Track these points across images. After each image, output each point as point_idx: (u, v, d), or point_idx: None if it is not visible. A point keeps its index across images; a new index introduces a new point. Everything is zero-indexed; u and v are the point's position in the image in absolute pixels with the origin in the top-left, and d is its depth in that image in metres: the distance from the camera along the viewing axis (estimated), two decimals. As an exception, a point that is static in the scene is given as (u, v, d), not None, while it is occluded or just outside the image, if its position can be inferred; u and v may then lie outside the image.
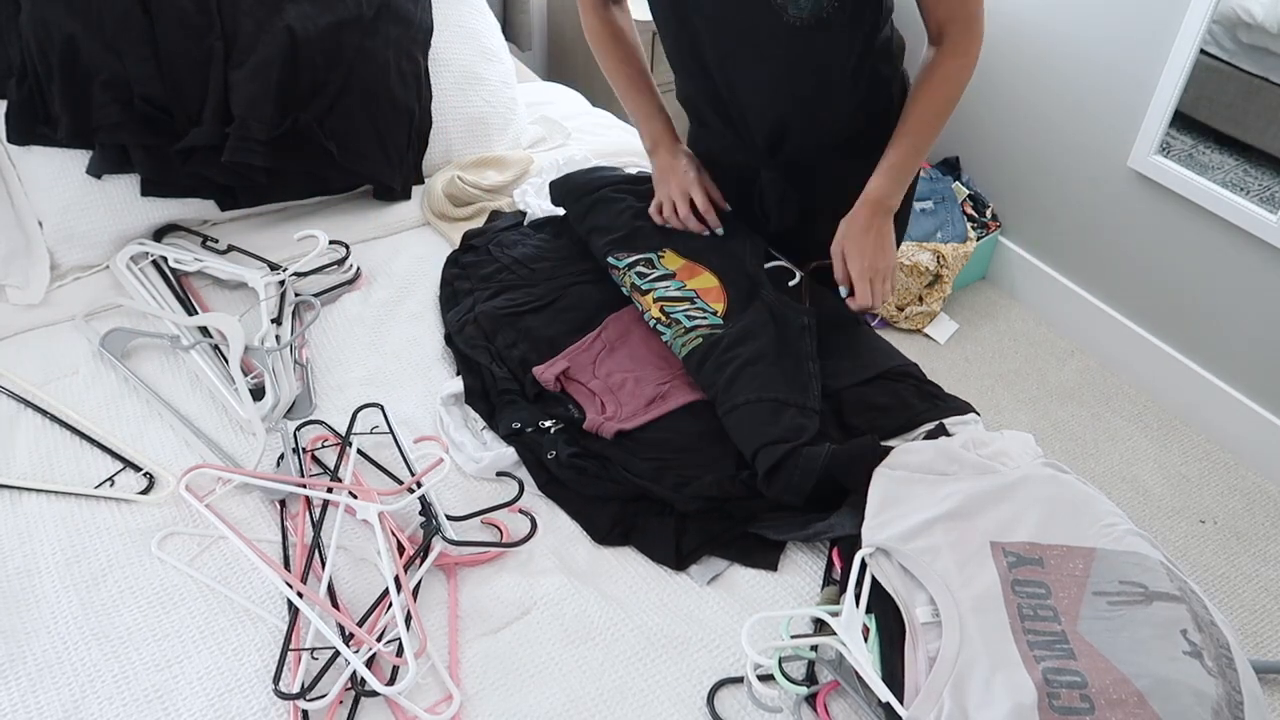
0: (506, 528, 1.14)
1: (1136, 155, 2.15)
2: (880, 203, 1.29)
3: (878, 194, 1.28)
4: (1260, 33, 1.92)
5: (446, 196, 1.66)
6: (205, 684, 0.97)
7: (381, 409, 1.26)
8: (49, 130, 1.45)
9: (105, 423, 1.25)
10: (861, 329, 1.38)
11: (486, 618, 1.04)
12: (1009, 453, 1.12)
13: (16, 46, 1.44)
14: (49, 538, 1.10)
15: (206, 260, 1.47)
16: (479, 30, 1.82)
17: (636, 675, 1.00)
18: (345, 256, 1.53)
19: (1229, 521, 2.06)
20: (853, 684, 0.95)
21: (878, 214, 1.29)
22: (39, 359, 1.34)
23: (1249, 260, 2.03)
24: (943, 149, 2.68)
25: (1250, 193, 2.01)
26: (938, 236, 2.50)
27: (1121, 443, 2.24)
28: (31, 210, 1.51)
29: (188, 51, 1.46)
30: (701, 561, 1.11)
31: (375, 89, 1.59)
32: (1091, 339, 2.47)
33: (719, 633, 1.03)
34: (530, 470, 1.20)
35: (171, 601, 1.05)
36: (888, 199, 1.29)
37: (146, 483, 1.17)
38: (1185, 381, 2.26)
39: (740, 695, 0.98)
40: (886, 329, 2.53)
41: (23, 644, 1.00)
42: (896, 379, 1.29)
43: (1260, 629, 1.85)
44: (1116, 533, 1.02)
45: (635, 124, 1.46)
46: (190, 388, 1.31)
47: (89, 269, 1.50)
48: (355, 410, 1.26)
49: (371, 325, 1.43)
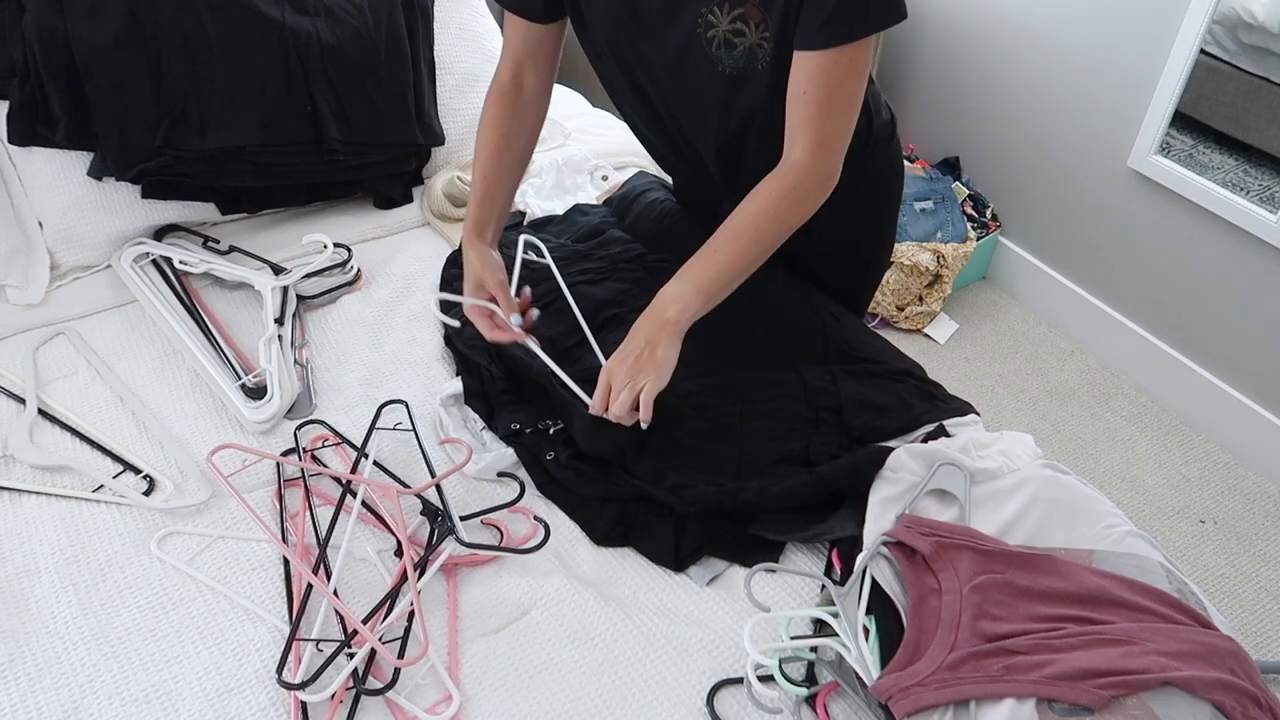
0: (507, 528, 1.14)
1: (1136, 155, 2.15)
2: (655, 311, 1.12)
3: (657, 301, 1.13)
4: (1261, 33, 1.92)
5: (446, 197, 1.66)
6: (205, 684, 0.97)
7: (406, 405, 1.27)
8: (48, 132, 1.46)
9: (105, 424, 1.25)
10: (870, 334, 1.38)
11: (486, 618, 1.04)
12: (1009, 453, 1.12)
13: (19, 48, 1.44)
14: (48, 538, 1.10)
15: (213, 262, 1.48)
16: (480, 33, 1.83)
17: (636, 676, 1.00)
18: (347, 259, 1.53)
19: (1229, 521, 2.06)
20: (852, 685, 0.95)
21: (648, 325, 1.12)
22: (39, 359, 1.34)
23: (1249, 260, 2.03)
24: (943, 149, 2.68)
25: (1250, 193, 2.01)
26: (938, 236, 2.50)
27: (1121, 443, 2.24)
28: (31, 210, 1.51)
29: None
30: (701, 562, 1.11)
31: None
32: (1091, 339, 2.47)
33: (719, 633, 1.03)
34: (529, 471, 1.20)
35: (171, 601, 1.05)
36: (665, 310, 1.11)
37: (147, 485, 1.17)
38: (1185, 381, 2.26)
39: (740, 696, 0.98)
40: (886, 329, 2.53)
41: (22, 644, 1.00)
42: (897, 379, 1.29)
43: (1260, 629, 1.85)
44: (1116, 534, 1.02)
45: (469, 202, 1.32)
46: (190, 387, 1.31)
47: (89, 269, 1.50)
48: (381, 405, 1.27)
49: (371, 325, 1.44)
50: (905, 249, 2.44)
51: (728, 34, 1.06)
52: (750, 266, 1.14)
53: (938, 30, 2.54)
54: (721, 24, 1.05)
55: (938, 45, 2.56)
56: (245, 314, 1.45)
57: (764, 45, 1.07)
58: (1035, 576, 0.96)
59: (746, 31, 1.06)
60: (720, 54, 1.08)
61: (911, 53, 2.63)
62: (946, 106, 2.60)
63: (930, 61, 2.59)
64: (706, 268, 1.13)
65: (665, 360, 1.11)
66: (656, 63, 1.17)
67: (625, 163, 1.80)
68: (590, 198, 1.69)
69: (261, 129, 1.51)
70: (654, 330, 1.11)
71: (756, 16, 1.05)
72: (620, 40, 1.18)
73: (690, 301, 1.11)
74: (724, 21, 1.05)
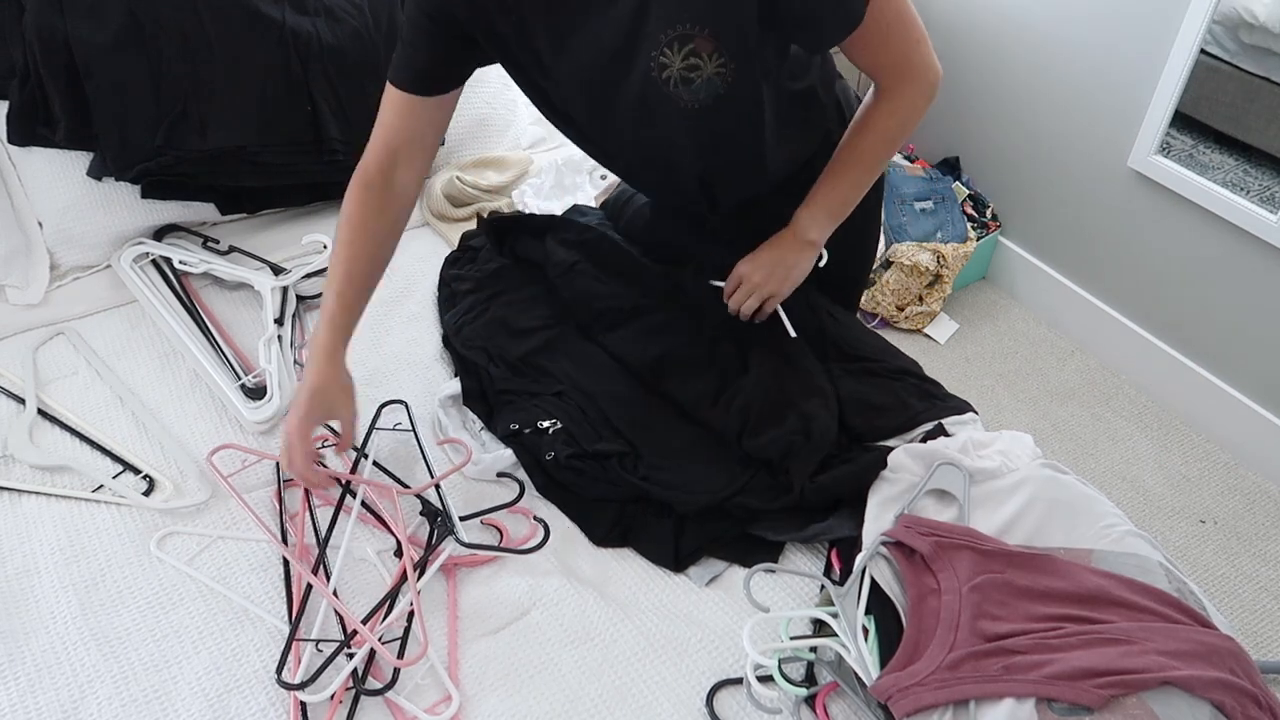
0: (507, 529, 1.14)
1: (1136, 155, 2.15)
2: (798, 234, 1.23)
3: (796, 225, 1.23)
4: (1262, 33, 1.92)
5: (445, 197, 1.66)
6: (204, 684, 0.97)
7: (405, 406, 1.27)
8: (48, 132, 1.46)
9: (105, 424, 1.25)
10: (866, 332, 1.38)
11: (486, 618, 1.04)
12: (1008, 453, 1.12)
13: (19, 48, 1.44)
14: (48, 538, 1.10)
15: (213, 262, 1.48)
16: (479, 31, 1.82)
17: (636, 676, 1.00)
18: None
19: (1229, 521, 2.06)
20: (852, 685, 0.95)
21: (792, 245, 1.23)
22: (39, 359, 1.34)
23: (1249, 260, 2.03)
24: (943, 149, 2.68)
25: (1250, 193, 2.01)
26: (938, 236, 2.50)
27: (1121, 443, 2.24)
28: (31, 210, 1.51)
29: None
30: (700, 562, 1.11)
31: None
32: (1091, 339, 2.47)
33: (718, 634, 1.03)
34: (528, 472, 1.20)
35: (170, 601, 1.05)
36: (806, 232, 1.22)
37: (147, 485, 1.17)
38: (1185, 381, 2.26)
39: (739, 696, 0.98)
40: (886, 329, 2.53)
41: (21, 644, 1.00)
42: (895, 377, 1.29)
43: (1260, 629, 1.85)
44: (1116, 534, 1.02)
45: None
46: (190, 387, 1.31)
47: (89, 269, 1.50)
48: (380, 405, 1.27)
49: (370, 326, 1.43)
50: (905, 249, 2.44)
51: (682, 71, 1.02)
52: (869, 185, 1.23)
53: (938, 30, 2.54)
54: (675, 63, 1.01)
55: (938, 45, 2.54)
56: (245, 314, 1.45)
57: (722, 71, 1.03)
58: (1035, 576, 0.96)
59: (702, 64, 1.01)
60: (679, 91, 1.04)
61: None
62: (946, 106, 2.60)
63: (930, 61, 2.59)
64: (833, 193, 1.22)
65: (798, 278, 1.25)
66: (618, 120, 1.11)
67: (625, 163, 1.80)
68: (589, 198, 1.70)
69: (261, 129, 1.51)
70: (796, 250, 1.23)
71: (709, 47, 1.00)
72: (582, 111, 1.14)
73: (825, 225, 1.23)
74: (676, 60, 1.01)
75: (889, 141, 1.19)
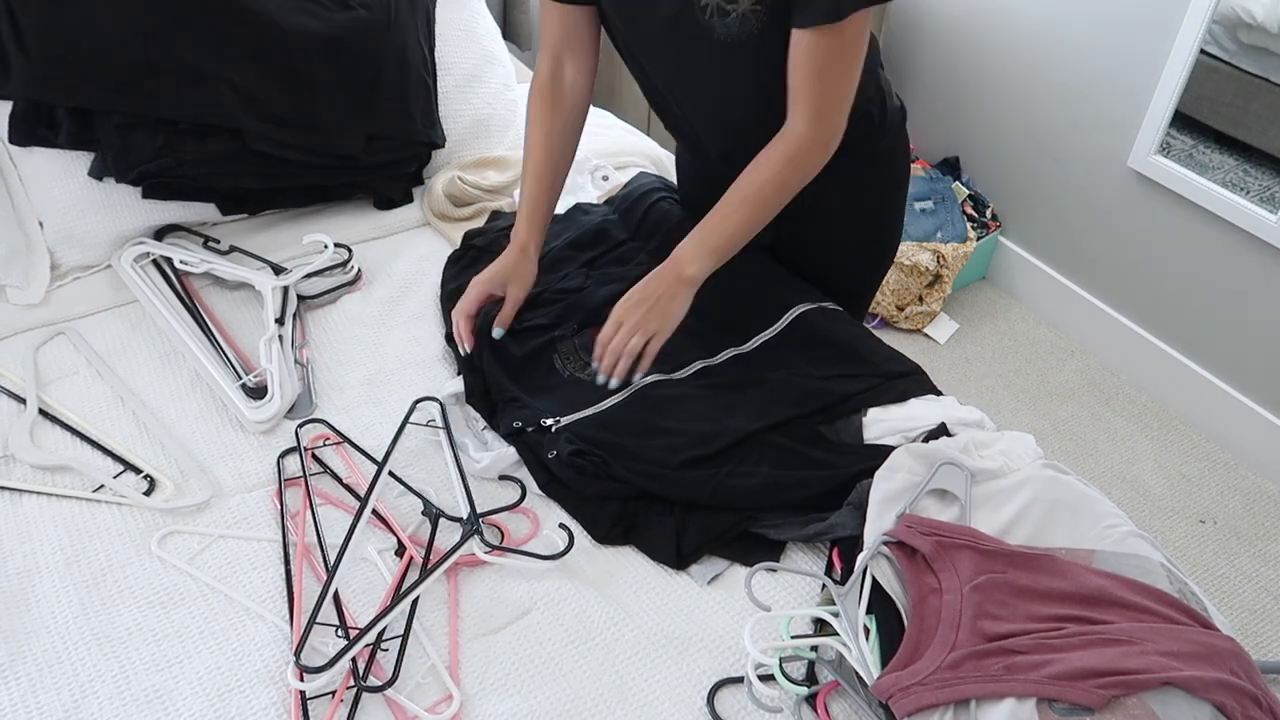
0: (508, 529, 1.14)
1: (1136, 155, 2.15)
2: (677, 269, 1.20)
3: (676, 259, 1.21)
4: (1261, 33, 1.93)
5: (447, 197, 1.66)
6: (205, 684, 0.97)
7: (439, 404, 1.27)
8: (49, 133, 1.46)
9: (106, 424, 1.25)
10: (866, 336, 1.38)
11: (487, 618, 1.04)
12: (1009, 453, 1.12)
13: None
14: (48, 538, 1.10)
15: (214, 262, 1.48)
16: (480, 33, 1.83)
17: (636, 675, 1.00)
18: (348, 260, 1.53)
19: (1229, 521, 2.06)
20: (853, 684, 0.95)
21: (669, 280, 1.20)
22: (39, 359, 1.34)
23: (1249, 260, 2.03)
24: (943, 149, 2.68)
25: (1250, 193, 2.01)
26: (938, 236, 2.50)
27: (1121, 443, 2.24)
28: (32, 210, 1.51)
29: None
30: (702, 561, 1.11)
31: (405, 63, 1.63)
32: (1091, 339, 2.47)
33: (719, 633, 1.03)
34: (531, 470, 1.20)
35: (171, 601, 1.05)
36: (685, 267, 1.20)
37: (147, 485, 1.17)
38: (1185, 381, 2.26)
39: (740, 695, 0.98)
40: (886, 329, 2.53)
41: (22, 644, 1.00)
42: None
43: (1260, 629, 1.85)
44: (1117, 534, 1.02)
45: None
46: (191, 387, 1.31)
47: (89, 269, 1.50)
48: (415, 401, 1.27)
49: (372, 325, 1.44)
50: (905, 249, 2.45)
51: (720, 2, 1.08)
52: (757, 228, 1.21)
53: (938, 30, 2.54)
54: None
55: (938, 45, 2.56)
56: (245, 314, 1.45)
57: (758, 10, 1.09)
58: (1036, 576, 0.96)
59: None
60: (714, 21, 1.11)
61: (912, 53, 2.63)
62: (946, 106, 2.60)
63: (930, 61, 2.59)
64: (718, 230, 1.21)
65: (678, 314, 1.21)
66: (648, 36, 1.19)
67: (626, 163, 1.80)
68: (591, 198, 1.69)
69: (261, 129, 1.50)
70: (672, 284, 1.20)
71: None
72: (620, 18, 1.20)
73: (705, 262, 1.20)
74: None
75: (784, 189, 1.19)
